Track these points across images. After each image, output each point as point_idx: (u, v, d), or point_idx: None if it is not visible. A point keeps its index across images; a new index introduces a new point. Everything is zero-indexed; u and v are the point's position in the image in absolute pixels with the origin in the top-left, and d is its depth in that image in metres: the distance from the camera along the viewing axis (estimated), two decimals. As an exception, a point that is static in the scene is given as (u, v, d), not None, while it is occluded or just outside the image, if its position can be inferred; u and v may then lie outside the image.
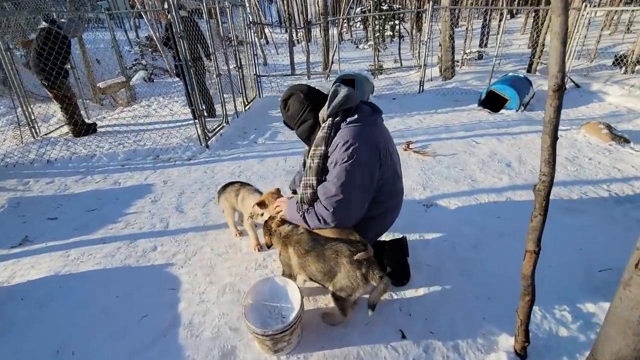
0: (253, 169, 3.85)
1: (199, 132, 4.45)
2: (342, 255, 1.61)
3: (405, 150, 4.09)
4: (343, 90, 1.70)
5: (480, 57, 10.61)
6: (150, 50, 11.41)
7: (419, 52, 9.68)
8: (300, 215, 1.76)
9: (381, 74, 8.98)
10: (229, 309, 1.95)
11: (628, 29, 13.61)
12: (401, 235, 2.19)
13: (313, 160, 1.72)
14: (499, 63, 6.56)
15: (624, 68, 7.94)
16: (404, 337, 1.72)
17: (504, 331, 1.73)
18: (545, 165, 1.23)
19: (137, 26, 17.14)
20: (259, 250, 2.40)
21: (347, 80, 6.03)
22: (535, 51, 8.04)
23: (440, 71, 8.15)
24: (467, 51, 9.04)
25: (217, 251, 2.48)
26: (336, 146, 1.63)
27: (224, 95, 5.08)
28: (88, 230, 2.81)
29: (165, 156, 4.28)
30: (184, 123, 5.38)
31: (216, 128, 4.86)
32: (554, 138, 1.18)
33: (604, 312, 1.85)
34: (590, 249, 2.32)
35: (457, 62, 8.91)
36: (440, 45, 8.15)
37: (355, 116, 1.66)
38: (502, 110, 5.63)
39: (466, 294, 1.98)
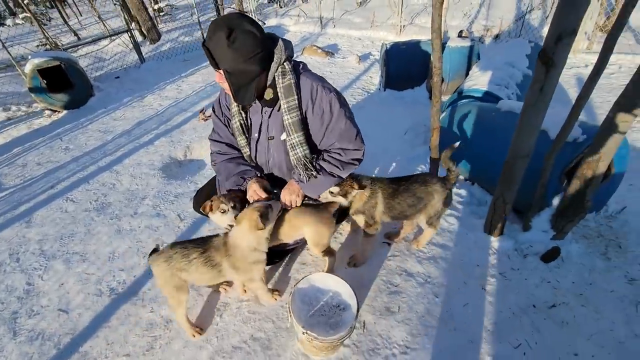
0: (48, 230, 2.38)
1: None
2: (430, 183, 1.71)
3: (205, 120, 3.78)
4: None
5: (161, 12, 10.07)
6: None
7: (98, 16, 7.97)
8: (335, 176, 1.58)
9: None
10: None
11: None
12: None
13: (290, 114, 1.49)
14: (194, 13, 6.65)
15: (277, 4, 10.09)
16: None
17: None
18: (437, 61, 1.71)
19: None
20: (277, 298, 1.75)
21: (47, 69, 4.30)
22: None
23: (143, 35, 7.23)
24: (154, 7, 8.32)
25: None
26: (315, 92, 1.50)
27: None
28: None
29: None
30: None
31: None
32: (441, 44, 1.65)
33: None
34: (398, 124, 3.35)
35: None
36: (121, 4, 7.02)
37: (301, 63, 1.57)
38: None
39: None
